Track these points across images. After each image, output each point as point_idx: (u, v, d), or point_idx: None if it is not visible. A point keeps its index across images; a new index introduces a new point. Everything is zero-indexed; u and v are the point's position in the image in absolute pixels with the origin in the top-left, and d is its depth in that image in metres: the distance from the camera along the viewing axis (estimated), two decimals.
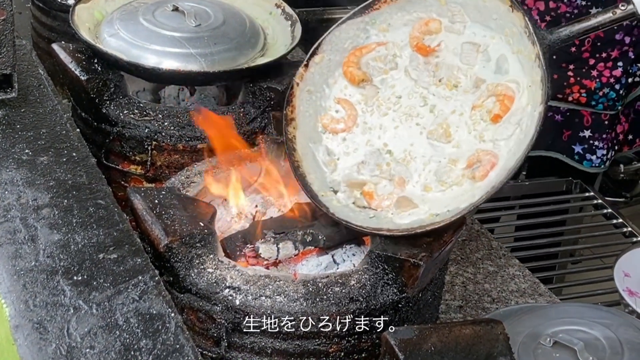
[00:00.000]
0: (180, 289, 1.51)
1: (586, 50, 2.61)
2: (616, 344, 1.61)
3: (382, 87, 1.71)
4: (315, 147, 1.68)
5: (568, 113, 2.73)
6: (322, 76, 1.73)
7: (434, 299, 1.65)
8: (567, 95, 2.67)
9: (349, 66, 1.73)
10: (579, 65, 2.63)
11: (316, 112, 1.71)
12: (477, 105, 1.63)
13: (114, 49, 1.99)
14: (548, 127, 2.77)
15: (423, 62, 1.70)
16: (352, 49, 1.74)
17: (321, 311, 1.48)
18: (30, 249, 1.43)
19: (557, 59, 2.63)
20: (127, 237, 1.48)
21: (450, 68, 1.68)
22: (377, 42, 1.74)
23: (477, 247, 2.18)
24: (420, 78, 1.69)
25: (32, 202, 1.53)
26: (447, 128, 1.62)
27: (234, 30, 2.08)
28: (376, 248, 1.56)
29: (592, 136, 2.73)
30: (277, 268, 1.60)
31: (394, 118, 1.67)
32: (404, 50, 1.73)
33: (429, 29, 1.72)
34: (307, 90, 1.72)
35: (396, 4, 1.74)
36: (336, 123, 1.70)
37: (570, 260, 2.74)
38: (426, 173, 1.61)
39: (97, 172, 1.63)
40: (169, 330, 1.29)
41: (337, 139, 1.68)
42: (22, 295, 1.34)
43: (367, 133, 1.68)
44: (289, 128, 1.68)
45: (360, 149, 1.67)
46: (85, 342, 1.27)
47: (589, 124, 2.73)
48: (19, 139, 1.69)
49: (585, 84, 2.63)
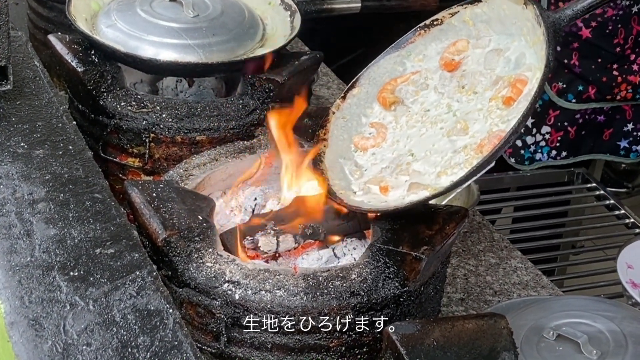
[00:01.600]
0: (178, 283, 1.50)
1: (629, 47, 2.64)
2: (620, 336, 1.59)
3: (413, 105, 1.73)
4: (345, 162, 1.70)
5: (610, 112, 2.75)
6: (359, 107, 1.76)
7: (435, 293, 1.64)
8: (616, 95, 2.70)
9: (383, 93, 1.75)
10: (622, 63, 2.66)
11: (350, 136, 1.74)
12: (494, 97, 1.64)
13: (111, 40, 1.97)
14: (590, 130, 2.79)
15: (450, 77, 1.72)
16: (389, 80, 1.77)
17: (322, 305, 1.46)
18: (25, 244, 1.42)
19: (602, 62, 2.66)
20: (125, 232, 1.46)
21: (473, 74, 1.70)
22: (412, 72, 1.77)
23: (478, 239, 2.17)
24: (447, 91, 1.71)
25: (28, 196, 1.52)
26: (465, 123, 1.63)
27: (232, 20, 2.07)
28: (377, 241, 1.54)
29: (634, 128, 2.77)
30: (277, 262, 1.58)
31: (421, 128, 1.69)
32: (435, 73, 1.75)
33: (457, 49, 1.75)
34: (342, 117, 1.74)
35: (430, 35, 1.78)
36: (366, 140, 1.72)
37: (572, 252, 2.74)
38: (443, 162, 1.61)
39: (93, 166, 1.61)
40: (167, 326, 1.28)
41: (367, 155, 1.70)
42: (17, 292, 1.33)
43: (394, 145, 1.70)
44: (320, 146, 1.71)
45: (386, 159, 1.69)
46: (81, 339, 1.25)
47: (631, 117, 2.77)
48: (14, 131, 1.68)
49: (631, 80, 2.68)
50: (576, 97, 2.72)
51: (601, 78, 2.69)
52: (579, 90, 2.71)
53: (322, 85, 2.67)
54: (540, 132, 2.80)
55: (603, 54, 2.66)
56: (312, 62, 2.08)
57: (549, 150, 2.82)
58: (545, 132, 2.80)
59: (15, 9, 2.49)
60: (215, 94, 2.09)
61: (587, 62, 2.68)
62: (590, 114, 2.77)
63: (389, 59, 1.78)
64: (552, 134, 2.80)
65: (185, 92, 2.08)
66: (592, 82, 2.69)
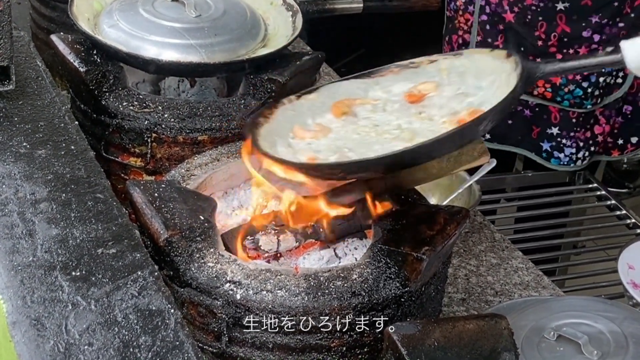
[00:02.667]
0: (180, 283, 1.50)
1: (552, 45, 2.60)
2: (621, 337, 1.59)
3: (363, 120, 1.69)
4: (279, 139, 1.64)
5: (537, 108, 2.72)
6: (310, 110, 1.71)
7: (437, 293, 1.64)
8: (533, 89, 2.66)
9: (338, 104, 1.72)
10: (546, 59, 2.62)
11: (292, 125, 1.68)
12: (448, 121, 1.62)
13: (113, 40, 1.97)
14: (518, 122, 2.76)
15: (410, 106, 1.70)
16: (347, 98, 1.74)
17: (323, 305, 1.46)
18: (27, 243, 1.42)
19: (524, 52, 2.62)
20: (126, 232, 1.46)
21: (433, 106, 1.68)
22: (374, 99, 1.74)
23: (479, 239, 2.17)
24: (403, 115, 1.68)
25: (30, 196, 1.52)
26: (412, 134, 1.60)
27: (234, 21, 2.07)
28: (379, 242, 1.54)
29: (560, 134, 2.72)
30: (278, 262, 1.59)
31: (365, 136, 1.64)
32: (396, 103, 1.73)
33: (425, 87, 1.73)
34: (292, 110, 1.70)
35: (402, 74, 1.76)
36: (306, 132, 1.66)
37: (573, 252, 2.74)
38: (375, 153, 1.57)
39: (95, 166, 1.61)
40: (169, 326, 1.28)
41: (302, 142, 1.64)
42: (19, 291, 1.33)
43: (334, 142, 1.64)
44: (261, 118, 1.65)
45: (321, 148, 1.63)
46: (83, 339, 1.25)
47: (557, 121, 2.72)
48: (17, 131, 1.68)
49: (551, 78, 2.62)
50: None
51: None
52: None
53: None
54: None
55: (526, 44, 2.62)
56: (313, 62, 2.08)
57: None
58: None
59: (17, 8, 2.50)
60: (217, 94, 2.10)
61: (509, 48, 2.65)
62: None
63: (354, 83, 1.75)
64: None
65: (187, 92, 2.09)
66: None
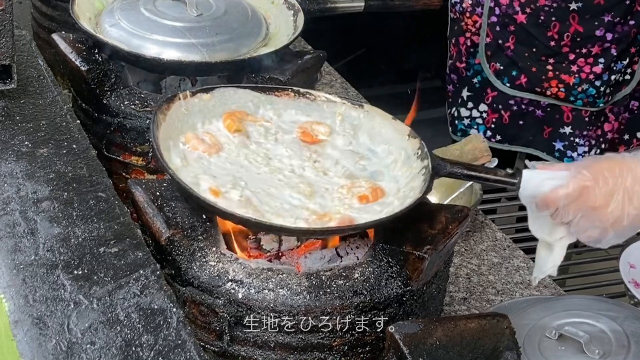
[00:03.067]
0: (182, 282, 1.50)
1: (565, 44, 2.60)
2: (622, 336, 1.60)
3: (255, 145, 1.70)
4: (173, 145, 1.63)
5: (549, 108, 2.72)
6: (202, 112, 1.71)
7: (438, 292, 1.64)
8: (546, 90, 2.67)
9: (230, 118, 1.72)
10: (559, 59, 2.63)
11: (183, 128, 1.67)
12: (346, 186, 1.63)
13: (114, 39, 1.97)
14: (529, 122, 2.77)
15: (303, 147, 1.71)
16: (238, 110, 1.74)
17: (324, 304, 1.46)
18: (29, 242, 1.42)
19: (536, 52, 2.63)
20: (128, 231, 1.46)
21: (328, 157, 1.70)
22: (264, 119, 1.76)
23: (481, 238, 2.17)
24: (298, 155, 1.69)
25: (32, 195, 1.52)
26: (311, 190, 1.61)
27: (235, 20, 2.07)
28: (380, 241, 1.54)
29: (572, 133, 2.73)
30: (279, 261, 1.58)
31: (258, 167, 1.65)
32: (288, 134, 1.74)
33: (319, 129, 1.75)
34: (185, 108, 1.69)
35: (295, 102, 1.78)
36: (199, 142, 1.66)
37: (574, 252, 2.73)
38: (280, 208, 1.56)
39: (97, 165, 1.62)
40: (171, 325, 1.28)
41: (194, 153, 1.64)
42: (21, 290, 1.33)
43: (225, 164, 1.64)
44: (160, 115, 1.63)
45: (215, 168, 1.62)
46: (85, 338, 1.25)
47: (570, 120, 2.72)
48: (19, 130, 1.68)
49: (564, 78, 2.63)
50: (510, 81, 2.71)
51: (531, 67, 2.65)
52: (513, 75, 2.69)
53: (326, 84, 2.67)
54: (477, 109, 2.79)
55: (537, 44, 2.63)
56: (315, 61, 2.08)
57: (484, 129, 2.81)
58: (483, 111, 2.79)
59: (19, 7, 2.50)
60: None
61: (521, 48, 2.65)
62: (528, 105, 2.74)
63: (249, 94, 1.76)
64: (489, 114, 2.79)
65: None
66: (522, 69, 2.66)
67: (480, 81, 2.77)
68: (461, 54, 2.79)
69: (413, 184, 1.62)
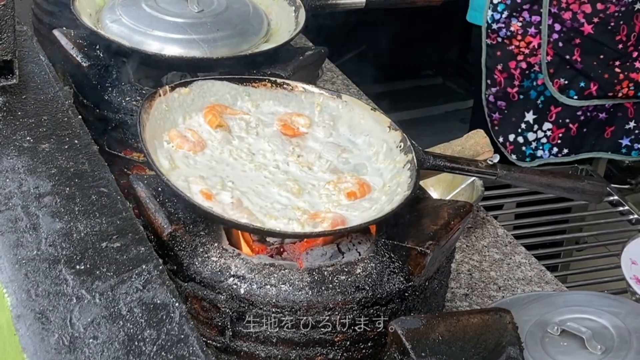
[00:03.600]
0: (184, 277, 1.50)
1: (631, 44, 2.64)
2: (624, 332, 1.60)
3: (237, 140, 1.71)
4: (158, 145, 1.64)
5: (612, 109, 2.75)
6: (181, 107, 1.72)
7: (440, 288, 1.64)
8: (618, 92, 2.69)
9: (211, 113, 1.73)
10: (625, 60, 2.66)
11: (165, 126, 1.68)
12: (332, 182, 1.65)
13: (115, 35, 1.97)
14: (592, 127, 2.79)
15: (285, 140, 1.72)
16: (217, 103, 1.76)
17: (327, 300, 1.46)
18: (32, 237, 1.42)
19: (604, 59, 2.65)
20: (131, 226, 1.46)
21: (311, 151, 1.71)
22: (243, 112, 1.77)
23: (482, 234, 2.17)
24: (280, 149, 1.70)
25: (34, 190, 1.52)
26: (299, 188, 1.62)
27: (237, 16, 2.07)
28: (382, 236, 1.54)
29: (636, 126, 2.76)
30: (281, 257, 1.58)
31: (243, 164, 1.66)
32: (268, 127, 1.75)
33: (299, 121, 1.77)
34: (165, 105, 1.70)
35: (273, 93, 1.80)
36: (183, 140, 1.66)
37: (575, 248, 2.74)
38: (271, 209, 1.57)
39: (99, 160, 1.61)
40: (174, 320, 1.28)
41: (179, 153, 1.65)
42: (23, 285, 1.33)
43: (212, 163, 1.65)
44: (143, 114, 1.64)
45: (202, 168, 1.63)
46: (88, 332, 1.25)
47: (633, 115, 2.76)
48: (20, 126, 1.68)
49: (633, 77, 2.67)
50: (578, 93, 2.72)
51: (603, 75, 2.68)
52: (581, 87, 2.71)
53: (327, 80, 2.67)
54: (541, 129, 2.80)
55: (605, 50, 2.66)
56: (316, 58, 2.08)
57: (550, 147, 2.82)
58: (547, 129, 2.80)
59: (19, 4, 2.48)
60: None
61: (589, 58, 2.67)
62: (592, 111, 2.76)
63: (227, 86, 1.78)
64: (554, 131, 2.80)
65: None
66: (593, 78, 2.69)
67: (544, 101, 2.76)
68: (513, 79, 2.77)
69: (399, 179, 1.63)
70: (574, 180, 1.74)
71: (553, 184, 1.73)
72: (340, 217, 1.56)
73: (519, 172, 1.72)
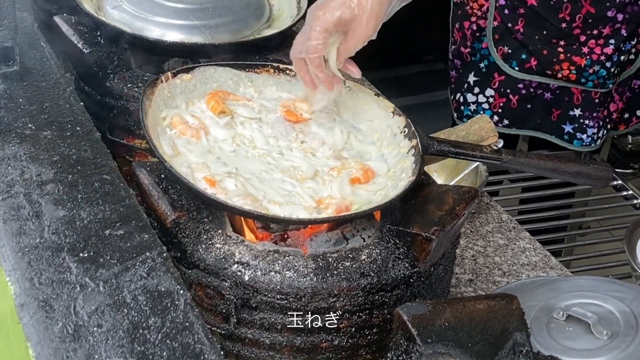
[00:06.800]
0: (188, 264, 1.49)
1: (577, 26, 2.59)
2: (630, 317, 1.59)
3: (241, 126, 1.70)
4: (161, 132, 1.63)
5: (558, 91, 2.71)
6: (183, 93, 1.72)
7: (445, 273, 1.63)
8: (557, 72, 2.65)
9: (214, 99, 1.72)
10: (570, 41, 2.61)
11: (169, 111, 1.68)
12: (336, 168, 1.65)
13: (117, 21, 1.96)
14: (537, 106, 2.75)
15: (289, 126, 1.72)
16: (220, 90, 1.75)
17: (331, 286, 1.46)
18: (34, 225, 1.41)
19: (547, 35, 2.61)
20: (134, 213, 1.46)
21: (315, 136, 1.71)
22: (246, 98, 1.76)
23: (487, 220, 2.16)
24: (284, 136, 1.69)
25: (36, 178, 1.51)
26: (303, 174, 1.62)
27: (239, 1, 2.06)
28: (387, 222, 1.54)
29: (582, 115, 2.72)
30: (285, 244, 1.58)
31: (247, 150, 1.65)
32: (271, 112, 1.74)
33: (302, 107, 1.75)
34: (167, 91, 1.70)
35: (276, 79, 1.80)
36: (186, 127, 1.65)
37: (579, 233, 2.73)
38: (275, 195, 1.57)
39: (102, 147, 1.61)
40: (178, 307, 1.27)
41: (182, 139, 1.64)
42: (27, 273, 1.32)
43: (215, 149, 1.64)
44: (146, 100, 1.63)
45: (205, 154, 1.62)
46: (92, 321, 1.25)
47: (580, 102, 2.71)
48: (22, 113, 1.67)
49: (575, 60, 2.61)
50: (519, 65, 2.69)
51: (542, 50, 2.64)
52: (522, 59, 2.67)
53: None
54: (484, 94, 2.77)
55: (548, 27, 2.61)
56: None
57: (491, 114, 2.79)
58: (489, 95, 2.77)
59: None
60: None
61: (531, 31, 2.64)
62: (536, 88, 2.72)
63: (229, 72, 1.78)
64: (496, 98, 2.77)
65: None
66: (533, 52, 2.65)
67: (487, 66, 2.75)
68: (466, 39, 2.77)
69: (403, 165, 1.63)
70: (579, 164, 1.73)
71: (558, 168, 1.72)
72: (345, 203, 1.55)
73: (524, 156, 1.71)
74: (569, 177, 1.73)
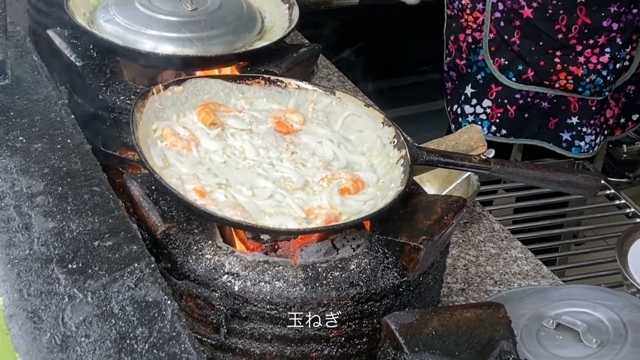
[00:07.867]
0: (178, 275, 1.50)
1: (573, 37, 2.61)
2: (620, 325, 1.59)
3: (231, 137, 1.71)
4: (151, 144, 1.64)
5: (555, 100, 2.73)
6: (175, 105, 1.73)
7: (435, 283, 1.64)
8: (554, 82, 2.67)
9: (205, 111, 1.73)
10: (566, 52, 2.63)
11: (159, 124, 1.69)
12: (326, 179, 1.65)
13: (109, 35, 1.97)
14: (535, 115, 2.77)
15: (279, 137, 1.72)
16: (209, 101, 1.76)
17: (321, 296, 1.46)
18: (24, 237, 1.42)
19: (543, 46, 2.63)
20: (123, 224, 1.46)
21: (305, 147, 1.71)
22: (237, 109, 1.77)
23: (479, 229, 2.17)
24: (274, 146, 1.70)
25: (26, 190, 1.52)
26: (293, 185, 1.62)
27: (230, 13, 2.07)
28: (376, 232, 1.54)
29: (579, 122, 2.73)
30: (275, 254, 1.58)
31: (237, 161, 1.66)
32: (262, 124, 1.75)
33: (293, 118, 1.76)
34: (158, 103, 1.70)
35: (266, 90, 1.81)
36: (177, 139, 1.66)
37: (573, 242, 2.73)
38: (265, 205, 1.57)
39: (92, 159, 1.61)
40: (165, 317, 1.28)
41: (173, 150, 1.64)
42: (16, 284, 1.33)
43: (206, 160, 1.65)
44: (138, 115, 1.64)
45: (195, 165, 1.62)
46: (80, 331, 1.25)
47: (577, 110, 2.73)
48: (13, 126, 1.68)
49: (572, 70, 2.63)
50: (516, 76, 2.71)
51: (539, 61, 2.66)
52: (519, 70, 2.69)
53: (323, 77, 2.67)
54: (481, 105, 2.79)
55: (544, 38, 2.63)
56: (310, 54, 2.08)
57: (489, 125, 2.81)
58: (487, 106, 2.79)
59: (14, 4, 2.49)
60: None
61: (527, 43, 2.66)
62: (534, 97, 2.74)
63: (220, 84, 1.78)
64: (493, 109, 2.79)
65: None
66: (530, 63, 2.67)
67: (484, 77, 2.77)
68: (461, 51, 2.79)
69: (392, 175, 1.63)
70: (568, 174, 1.74)
71: (547, 177, 1.72)
72: (334, 213, 1.56)
73: (513, 166, 1.71)
74: (557, 187, 1.74)
